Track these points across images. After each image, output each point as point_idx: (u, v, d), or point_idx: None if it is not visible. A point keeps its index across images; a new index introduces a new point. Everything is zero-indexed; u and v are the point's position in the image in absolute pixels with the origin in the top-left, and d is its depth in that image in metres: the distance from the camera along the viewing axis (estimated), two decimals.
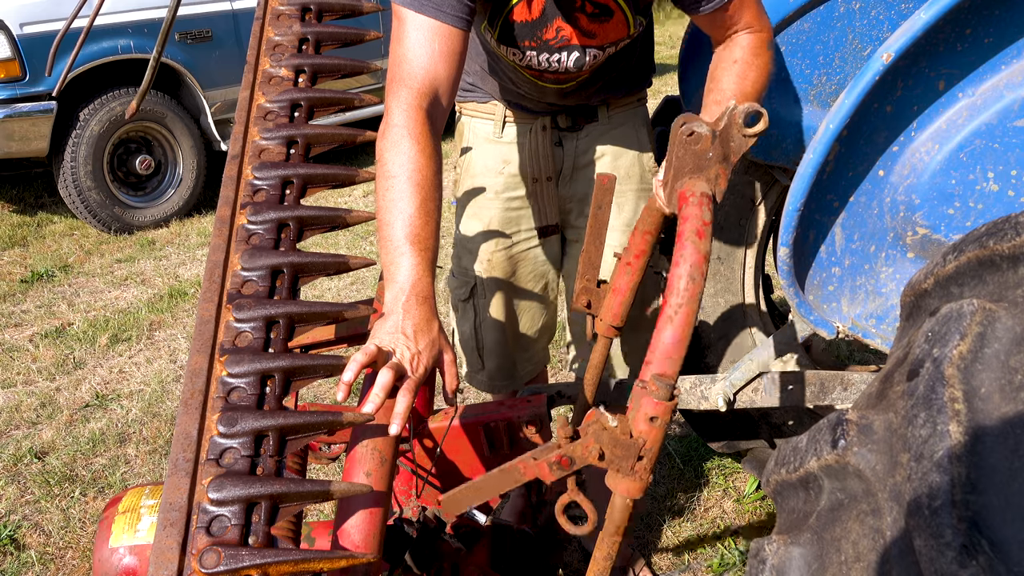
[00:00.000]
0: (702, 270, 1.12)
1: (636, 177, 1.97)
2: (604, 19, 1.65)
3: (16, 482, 2.88)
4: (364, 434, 1.18)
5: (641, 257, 1.55)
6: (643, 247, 1.55)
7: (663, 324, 1.10)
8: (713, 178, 1.29)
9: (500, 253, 2.00)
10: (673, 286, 1.11)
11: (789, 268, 1.67)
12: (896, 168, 1.62)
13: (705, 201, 1.23)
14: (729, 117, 1.27)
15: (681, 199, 1.26)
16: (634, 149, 1.96)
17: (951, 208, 1.55)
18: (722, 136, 1.28)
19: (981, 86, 1.53)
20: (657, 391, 1.04)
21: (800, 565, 0.95)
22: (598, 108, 1.91)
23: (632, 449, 1.07)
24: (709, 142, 1.28)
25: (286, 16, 1.41)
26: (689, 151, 1.29)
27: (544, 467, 1.17)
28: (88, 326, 4.04)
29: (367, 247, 4.93)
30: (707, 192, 1.26)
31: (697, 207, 1.21)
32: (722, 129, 1.27)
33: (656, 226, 1.52)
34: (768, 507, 2.57)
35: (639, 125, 1.97)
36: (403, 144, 1.36)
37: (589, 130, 1.92)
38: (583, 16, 1.64)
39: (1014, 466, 0.76)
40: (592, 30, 1.67)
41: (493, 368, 2.10)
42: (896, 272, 1.69)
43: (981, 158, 1.52)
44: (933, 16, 1.41)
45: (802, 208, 1.60)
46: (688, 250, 1.14)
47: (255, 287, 1.10)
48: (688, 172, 1.30)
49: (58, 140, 5.10)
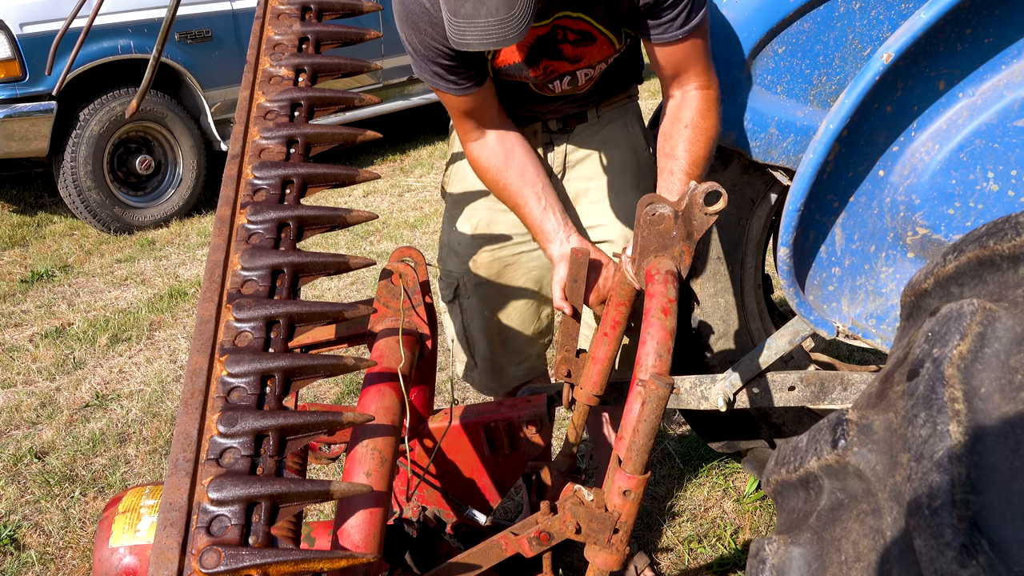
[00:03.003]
0: (668, 346, 1.20)
1: (632, 170, 1.97)
2: (588, 43, 1.68)
3: (16, 482, 2.88)
4: (364, 434, 1.19)
5: (617, 327, 1.62)
6: (618, 318, 1.61)
7: (634, 399, 1.16)
8: (678, 255, 1.39)
9: (485, 255, 2.00)
10: (642, 363, 1.18)
11: (789, 268, 1.67)
12: (896, 168, 1.62)
13: (670, 279, 1.32)
14: (690, 198, 1.36)
15: (648, 277, 1.36)
16: (626, 144, 1.97)
17: (951, 208, 1.55)
18: (684, 215, 1.37)
19: (981, 86, 1.53)
20: (631, 466, 1.10)
21: (800, 565, 0.95)
22: (587, 110, 1.92)
23: (608, 522, 1.13)
24: (672, 222, 1.37)
25: (286, 15, 1.41)
26: (654, 231, 1.38)
27: (524, 542, 1.23)
28: (88, 326, 4.04)
29: (367, 247, 4.93)
30: (672, 270, 1.35)
31: (663, 284, 1.30)
32: (684, 209, 1.35)
33: (629, 298, 1.60)
34: (768, 507, 2.57)
35: (630, 121, 1.98)
36: None
37: (579, 131, 1.93)
38: (567, 45, 1.67)
39: (1014, 466, 0.76)
40: (579, 54, 1.70)
41: (484, 369, 2.11)
42: (896, 272, 1.69)
43: (981, 158, 1.52)
44: (933, 16, 1.41)
45: (802, 208, 1.60)
46: (655, 327, 1.21)
47: (255, 287, 1.10)
48: (654, 251, 1.39)
49: (58, 140, 5.10)
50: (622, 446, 1.13)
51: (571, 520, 1.15)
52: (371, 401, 1.25)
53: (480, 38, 1.34)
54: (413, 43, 1.63)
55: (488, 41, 1.34)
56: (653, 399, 1.07)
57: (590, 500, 1.15)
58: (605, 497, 1.14)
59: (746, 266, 2.07)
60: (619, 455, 1.14)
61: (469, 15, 1.32)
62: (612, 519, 1.12)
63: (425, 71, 1.67)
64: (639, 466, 1.10)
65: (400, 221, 5.33)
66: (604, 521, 1.13)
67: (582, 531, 1.15)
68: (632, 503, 1.12)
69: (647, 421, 1.08)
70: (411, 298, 1.48)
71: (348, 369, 1.07)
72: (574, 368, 1.76)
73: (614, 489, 1.11)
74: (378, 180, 4.37)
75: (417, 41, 1.61)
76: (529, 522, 1.23)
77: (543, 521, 1.20)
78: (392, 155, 6.88)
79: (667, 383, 1.06)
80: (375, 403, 1.25)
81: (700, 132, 1.66)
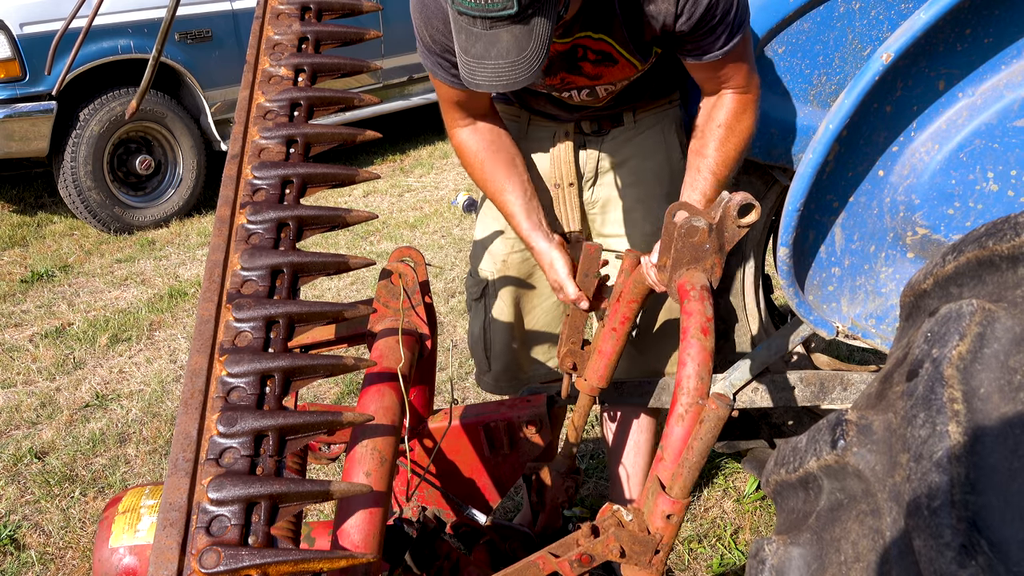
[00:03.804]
0: (709, 367, 1.17)
1: (665, 181, 1.92)
2: (608, 64, 1.66)
3: (16, 482, 2.88)
4: (364, 434, 1.19)
5: (625, 323, 1.62)
6: (628, 314, 1.61)
7: (675, 422, 1.14)
8: (709, 268, 1.36)
9: (516, 255, 1.98)
10: (683, 385, 1.16)
11: (789, 268, 1.67)
12: (896, 168, 1.62)
13: (706, 295, 1.29)
14: (724, 209, 1.34)
15: (682, 292, 1.32)
16: (661, 153, 1.92)
17: (951, 208, 1.55)
18: (717, 228, 1.34)
19: (981, 86, 1.53)
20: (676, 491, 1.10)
21: (800, 565, 0.95)
22: (623, 113, 1.88)
23: (650, 545, 1.14)
24: (706, 235, 1.34)
25: (286, 15, 1.41)
26: (687, 243, 1.35)
27: (565, 565, 1.22)
28: (88, 326, 4.04)
29: (367, 247, 4.93)
30: (706, 284, 1.32)
31: (699, 302, 1.27)
32: (717, 221, 1.33)
33: (642, 297, 1.59)
34: (768, 507, 2.57)
35: (668, 128, 1.93)
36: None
37: (615, 134, 1.89)
38: (587, 63, 1.66)
39: (1013, 466, 0.76)
40: (599, 72, 1.68)
41: (499, 369, 2.09)
42: (896, 272, 1.69)
43: (981, 158, 1.52)
44: (933, 16, 1.41)
45: (802, 208, 1.60)
46: (695, 348, 1.18)
47: (255, 287, 1.10)
48: (686, 263, 1.36)
49: (58, 140, 5.10)
50: (665, 469, 1.12)
51: (614, 543, 1.15)
52: (371, 401, 1.25)
53: (490, 79, 1.34)
54: (422, 34, 1.63)
55: (498, 83, 1.34)
56: (712, 419, 1.03)
57: (630, 521, 1.15)
58: (647, 519, 1.14)
59: (746, 266, 2.07)
60: (661, 478, 1.12)
61: (480, 56, 1.32)
62: (654, 542, 1.13)
63: (427, 58, 1.68)
64: (684, 491, 1.09)
65: (400, 221, 5.32)
66: (646, 544, 1.13)
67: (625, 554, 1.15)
68: (674, 526, 1.12)
69: (702, 440, 1.04)
70: (411, 298, 1.48)
71: (348, 369, 1.07)
72: (579, 360, 1.77)
73: (657, 513, 1.11)
74: (378, 180, 4.37)
75: (427, 34, 1.62)
76: (569, 543, 1.22)
77: (585, 543, 1.19)
78: (392, 155, 6.88)
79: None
80: (375, 403, 1.25)
81: (732, 132, 1.64)
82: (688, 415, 1.13)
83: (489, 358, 2.08)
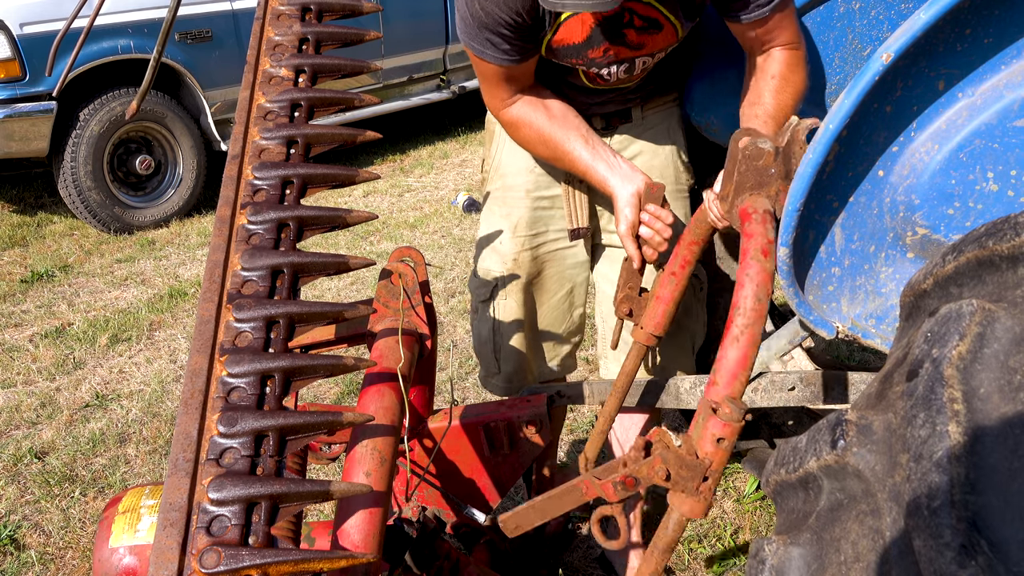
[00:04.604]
0: (768, 289, 1.12)
1: (670, 178, 1.94)
2: (653, 31, 1.65)
3: (16, 482, 2.88)
4: (364, 434, 1.19)
5: (686, 267, 1.55)
6: (689, 257, 1.54)
7: (729, 343, 1.09)
8: (774, 195, 1.29)
9: (526, 253, 1.97)
10: (740, 305, 1.11)
11: (789, 268, 1.67)
12: (896, 168, 1.62)
13: (768, 219, 1.22)
14: (792, 133, 1.26)
15: (743, 216, 1.25)
16: (668, 151, 1.93)
17: (951, 208, 1.55)
18: (784, 152, 1.27)
19: (981, 86, 1.53)
20: (727, 412, 1.04)
21: (800, 565, 0.95)
22: (631, 108, 1.89)
23: (698, 470, 1.07)
24: (772, 158, 1.27)
25: (286, 16, 1.41)
26: (751, 166, 1.28)
27: (609, 487, 1.15)
28: (88, 326, 4.04)
29: (367, 247, 4.93)
30: (769, 209, 1.25)
31: (761, 224, 1.20)
32: (784, 145, 1.26)
33: (704, 237, 1.52)
34: (768, 507, 2.57)
35: (674, 125, 1.95)
36: None
37: (623, 131, 1.90)
38: (631, 31, 1.64)
39: (1013, 466, 0.76)
40: (641, 41, 1.67)
41: (510, 371, 2.07)
42: (896, 272, 1.69)
43: (981, 158, 1.52)
44: (933, 16, 1.41)
45: (802, 208, 1.60)
46: (754, 269, 1.13)
47: (255, 287, 1.10)
48: (749, 188, 1.29)
49: (58, 140, 5.10)
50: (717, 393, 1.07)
51: (660, 466, 1.08)
52: (371, 401, 1.25)
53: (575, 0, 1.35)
54: (475, 9, 1.60)
55: (584, 4, 1.35)
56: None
57: (678, 446, 1.08)
58: (695, 444, 1.07)
59: None
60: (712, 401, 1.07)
61: None
62: (703, 467, 1.06)
63: (476, 37, 1.65)
64: (738, 413, 1.03)
65: (400, 221, 5.32)
66: (695, 468, 1.06)
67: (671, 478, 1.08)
68: (724, 451, 1.05)
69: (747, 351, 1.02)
70: (411, 298, 1.48)
71: (348, 369, 1.07)
72: (636, 307, 1.72)
73: (707, 436, 1.05)
74: (378, 180, 4.37)
75: (481, 8, 1.59)
76: (613, 466, 1.16)
77: (631, 465, 1.12)
78: (392, 155, 6.88)
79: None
80: (375, 403, 1.25)
81: (787, 83, 1.62)
82: (744, 336, 1.08)
83: (499, 360, 2.07)
